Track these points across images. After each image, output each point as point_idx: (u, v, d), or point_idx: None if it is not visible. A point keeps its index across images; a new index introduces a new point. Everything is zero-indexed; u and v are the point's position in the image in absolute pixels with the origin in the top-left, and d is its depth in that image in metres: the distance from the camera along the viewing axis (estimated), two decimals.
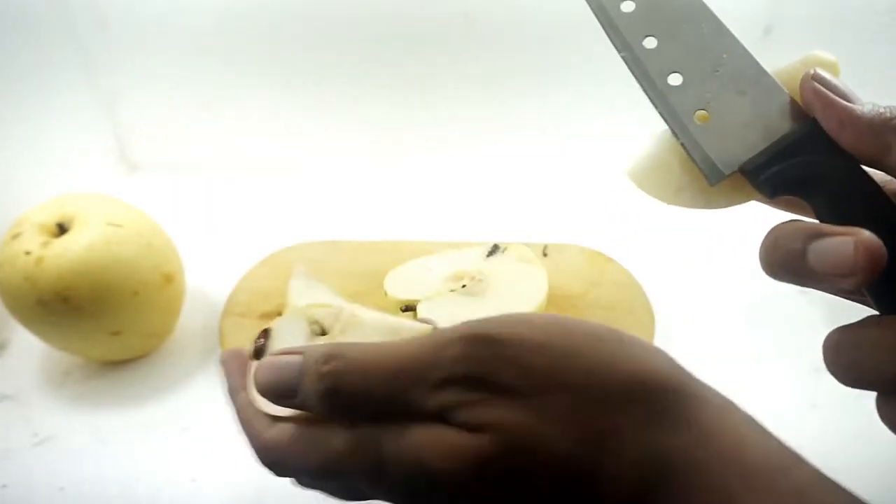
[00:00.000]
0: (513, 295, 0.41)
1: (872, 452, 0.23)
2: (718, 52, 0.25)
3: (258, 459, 0.24)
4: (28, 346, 0.46)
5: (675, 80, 0.26)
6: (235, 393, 0.27)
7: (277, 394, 0.23)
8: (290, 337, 0.30)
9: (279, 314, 0.41)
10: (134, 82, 0.64)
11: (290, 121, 0.66)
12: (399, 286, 0.42)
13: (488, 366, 0.20)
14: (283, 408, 0.24)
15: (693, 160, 0.25)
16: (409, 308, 0.40)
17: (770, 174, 0.24)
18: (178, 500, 0.37)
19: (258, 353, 0.30)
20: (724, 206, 0.27)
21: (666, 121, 0.26)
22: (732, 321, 0.49)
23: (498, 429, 0.19)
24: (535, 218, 0.61)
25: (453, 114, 0.65)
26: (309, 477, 0.24)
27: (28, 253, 0.39)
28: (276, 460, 0.24)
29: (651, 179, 0.27)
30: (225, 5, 0.58)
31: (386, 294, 0.42)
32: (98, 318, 0.40)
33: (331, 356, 0.22)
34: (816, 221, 0.23)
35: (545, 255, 0.51)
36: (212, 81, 0.63)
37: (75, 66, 0.60)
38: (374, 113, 0.65)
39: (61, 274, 0.39)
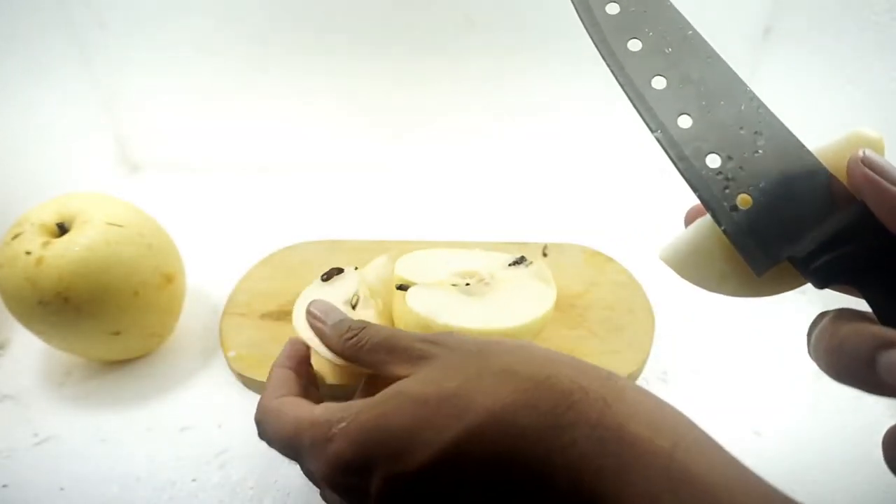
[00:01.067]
0: (509, 307, 0.39)
1: (873, 452, 0.23)
2: (756, 129, 0.23)
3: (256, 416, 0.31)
4: (28, 346, 0.47)
5: (713, 161, 0.23)
6: (279, 366, 0.33)
7: (319, 319, 0.33)
8: (345, 290, 0.39)
9: (280, 314, 0.41)
10: (134, 82, 0.64)
11: (290, 120, 0.66)
12: (407, 267, 0.42)
13: (437, 336, 0.29)
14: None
15: (737, 249, 0.23)
16: (403, 287, 0.40)
17: (820, 264, 0.22)
18: (178, 500, 0.37)
19: (329, 276, 0.41)
20: (772, 294, 0.25)
21: (706, 205, 0.24)
22: (733, 321, 0.49)
23: (430, 359, 0.27)
24: (535, 218, 0.61)
25: (453, 114, 0.65)
26: (276, 445, 0.29)
27: (28, 253, 0.39)
28: (259, 419, 0.30)
29: (691, 267, 0.25)
30: (225, 5, 0.58)
31: (393, 271, 0.42)
32: (98, 318, 0.40)
33: (364, 324, 0.32)
34: (870, 311, 0.22)
35: (545, 254, 0.51)
36: (212, 81, 0.63)
37: (75, 65, 0.61)
38: (374, 113, 0.65)
39: (62, 274, 0.39)
